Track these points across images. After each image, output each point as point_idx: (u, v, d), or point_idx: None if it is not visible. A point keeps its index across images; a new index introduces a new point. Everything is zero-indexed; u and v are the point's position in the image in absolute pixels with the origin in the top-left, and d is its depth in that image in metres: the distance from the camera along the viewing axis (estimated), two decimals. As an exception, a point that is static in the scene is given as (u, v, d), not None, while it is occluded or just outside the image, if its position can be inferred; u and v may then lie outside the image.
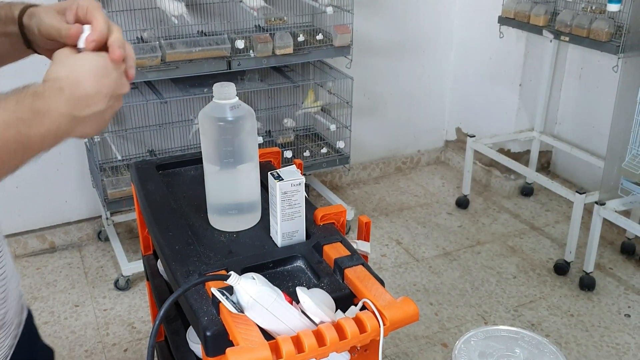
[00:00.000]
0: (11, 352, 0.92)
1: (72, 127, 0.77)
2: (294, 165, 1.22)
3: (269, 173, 1.17)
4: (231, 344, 0.92)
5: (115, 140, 2.75)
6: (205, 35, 2.68)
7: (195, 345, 1.30)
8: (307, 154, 2.96)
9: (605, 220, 2.56)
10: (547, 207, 3.31)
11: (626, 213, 2.65)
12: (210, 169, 1.22)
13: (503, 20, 3.03)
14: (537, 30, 2.87)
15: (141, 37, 2.60)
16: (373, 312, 0.97)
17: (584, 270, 2.64)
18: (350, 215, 3.05)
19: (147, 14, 2.60)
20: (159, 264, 1.54)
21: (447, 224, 3.15)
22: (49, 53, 0.85)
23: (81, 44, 0.81)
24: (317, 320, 0.95)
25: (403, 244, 2.99)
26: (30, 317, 1.02)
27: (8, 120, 0.71)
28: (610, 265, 2.80)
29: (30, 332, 1.01)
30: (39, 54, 0.92)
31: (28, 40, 0.89)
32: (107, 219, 2.80)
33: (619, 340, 2.35)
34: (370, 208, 3.32)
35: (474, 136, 3.22)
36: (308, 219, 1.21)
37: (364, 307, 1.00)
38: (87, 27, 0.82)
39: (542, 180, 2.98)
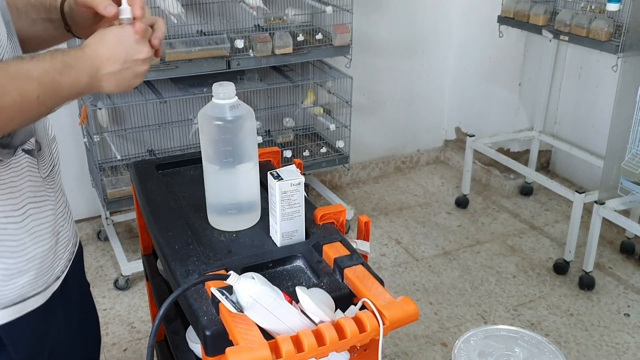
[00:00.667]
0: (70, 264, 1.13)
1: (93, 82, 0.94)
2: (294, 164, 1.22)
3: (268, 173, 1.17)
4: (231, 344, 0.92)
5: (114, 140, 2.75)
6: (205, 34, 2.68)
7: (195, 344, 1.30)
8: (306, 153, 2.96)
9: (604, 220, 2.56)
10: (547, 206, 3.31)
11: (625, 212, 2.66)
12: (209, 169, 1.22)
13: (502, 20, 3.03)
14: (536, 29, 2.87)
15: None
16: (373, 312, 0.97)
17: (583, 270, 2.64)
18: (349, 214, 3.05)
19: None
20: (159, 263, 1.54)
21: (447, 224, 3.15)
22: (86, 33, 1.08)
23: (122, 17, 0.98)
24: (316, 320, 0.95)
25: (402, 243, 2.99)
26: (80, 247, 1.23)
27: (46, 68, 0.90)
28: (609, 265, 2.80)
29: (80, 259, 1.22)
30: (77, 37, 1.15)
31: (68, 25, 1.11)
32: (106, 218, 2.80)
33: (618, 340, 2.36)
34: (370, 207, 3.32)
35: (474, 136, 3.22)
36: (307, 218, 1.21)
37: (363, 307, 1.00)
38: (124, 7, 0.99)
39: (541, 179, 2.98)
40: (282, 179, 1.14)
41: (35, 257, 1.02)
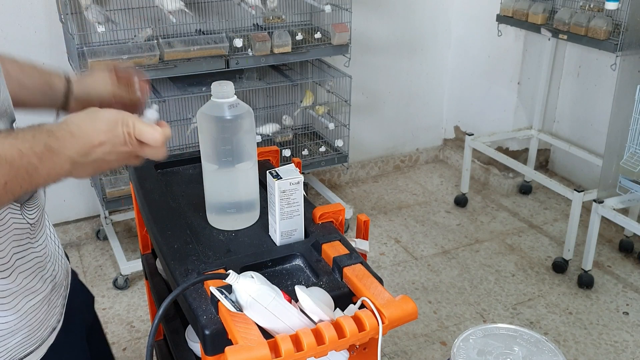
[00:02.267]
0: (64, 310, 1.04)
1: (73, 169, 0.84)
2: (293, 163, 1.22)
3: (267, 172, 1.17)
4: (230, 343, 0.92)
5: (113, 139, 2.75)
6: (204, 33, 2.67)
7: (194, 344, 1.30)
8: (305, 152, 2.96)
9: (603, 218, 2.56)
10: (546, 205, 3.31)
11: (624, 211, 2.66)
12: (208, 168, 1.22)
13: (501, 19, 3.03)
14: (535, 28, 2.87)
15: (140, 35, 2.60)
16: (372, 311, 0.97)
17: (582, 268, 2.64)
18: (348, 213, 3.05)
19: (145, 12, 2.60)
20: (158, 262, 1.54)
21: (446, 223, 3.16)
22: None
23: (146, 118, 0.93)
24: (316, 319, 0.95)
25: (402, 242, 2.99)
26: (74, 274, 1.15)
27: (23, 150, 0.77)
28: (608, 263, 2.80)
29: (76, 296, 1.12)
30: (65, 112, 1.11)
31: (67, 101, 1.09)
32: (105, 218, 2.80)
33: (617, 338, 2.36)
34: (369, 206, 3.32)
35: (473, 134, 3.22)
36: (307, 217, 1.21)
37: (362, 306, 1.00)
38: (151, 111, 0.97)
39: (540, 178, 2.98)
40: (281, 178, 1.14)
41: (28, 312, 0.92)
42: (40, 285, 0.95)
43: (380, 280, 1.05)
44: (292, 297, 0.96)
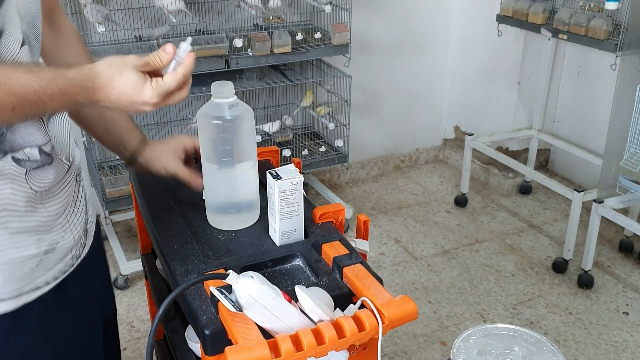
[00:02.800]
0: (63, 277, 1.04)
1: (85, 106, 0.92)
2: (293, 164, 1.22)
3: (267, 172, 1.17)
4: (230, 343, 0.92)
5: (113, 139, 2.75)
6: (204, 33, 2.67)
7: (194, 344, 1.30)
8: (305, 152, 2.96)
9: (603, 218, 2.56)
10: (546, 205, 3.31)
11: (624, 211, 2.66)
12: (208, 168, 1.22)
13: (501, 19, 3.03)
14: (535, 28, 2.87)
15: (139, 35, 2.60)
16: (372, 311, 0.97)
17: (582, 268, 2.64)
18: (348, 213, 3.05)
19: (145, 12, 2.60)
20: (158, 262, 1.54)
21: (446, 223, 3.15)
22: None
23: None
24: (316, 319, 0.95)
25: (402, 242, 2.99)
26: (98, 264, 1.19)
27: (37, 88, 0.83)
28: (608, 263, 2.80)
29: (92, 274, 1.15)
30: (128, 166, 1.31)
31: (132, 159, 1.27)
32: (105, 218, 2.80)
33: (617, 338, 2.36)
34: (369, 206, 3.32)
35: (473, 134, 3.22)
36: (306, 217, 1.21)
37: (362, 306, 1.00)
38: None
39: (540, 178, 2.98)
40: (281, 178, 1.14)
41: (5, 262, 0.94)
42: (31, 243, 0.97)
43: (380, 280, 1.05)
44: (292, 297, 0.96)
